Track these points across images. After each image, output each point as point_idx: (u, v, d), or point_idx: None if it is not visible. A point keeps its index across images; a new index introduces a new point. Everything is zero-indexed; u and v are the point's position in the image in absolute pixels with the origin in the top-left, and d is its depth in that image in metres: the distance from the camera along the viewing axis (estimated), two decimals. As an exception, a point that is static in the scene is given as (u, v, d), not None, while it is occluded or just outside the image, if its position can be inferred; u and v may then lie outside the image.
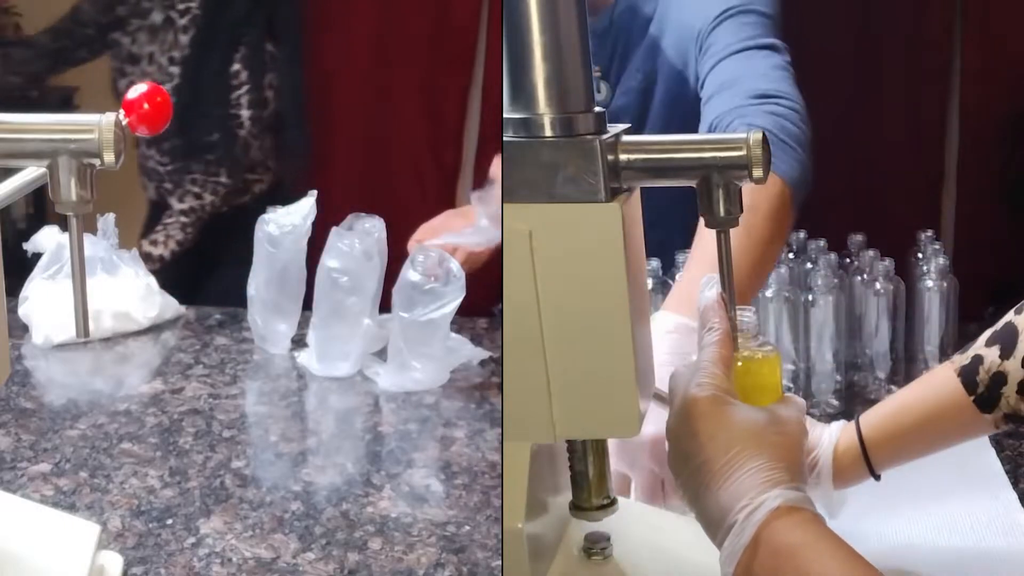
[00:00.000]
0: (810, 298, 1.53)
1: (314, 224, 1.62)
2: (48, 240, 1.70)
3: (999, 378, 1.03)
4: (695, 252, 1.28)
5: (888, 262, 1.58)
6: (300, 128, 2.23)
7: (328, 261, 1.54)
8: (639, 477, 1.12)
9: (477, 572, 1.09)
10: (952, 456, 1.13)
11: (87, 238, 1.49)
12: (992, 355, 1.04)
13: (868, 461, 1.10)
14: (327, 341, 1.57)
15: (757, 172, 0.85)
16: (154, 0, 2.08)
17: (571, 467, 0.95)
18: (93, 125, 0.85)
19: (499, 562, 1.10)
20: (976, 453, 1.31)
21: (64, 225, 0.97)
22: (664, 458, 0.89)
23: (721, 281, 0.90)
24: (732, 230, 0.87)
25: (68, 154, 0.85)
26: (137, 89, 0.90)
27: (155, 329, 1.75)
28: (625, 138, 0.88)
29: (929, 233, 1.69)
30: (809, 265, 1.62)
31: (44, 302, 1.66)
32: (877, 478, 1.11)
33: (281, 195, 2.21)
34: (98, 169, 0.86)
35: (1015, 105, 2.67)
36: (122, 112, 0.88)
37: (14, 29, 3.45)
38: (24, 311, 1.68)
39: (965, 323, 1.63)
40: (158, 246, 2.07)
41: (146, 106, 0.89)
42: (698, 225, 1.20)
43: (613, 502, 0.95)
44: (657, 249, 1.51)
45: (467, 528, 1.17)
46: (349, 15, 2.68)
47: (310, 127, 2.31)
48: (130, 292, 1.72)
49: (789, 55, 1.54)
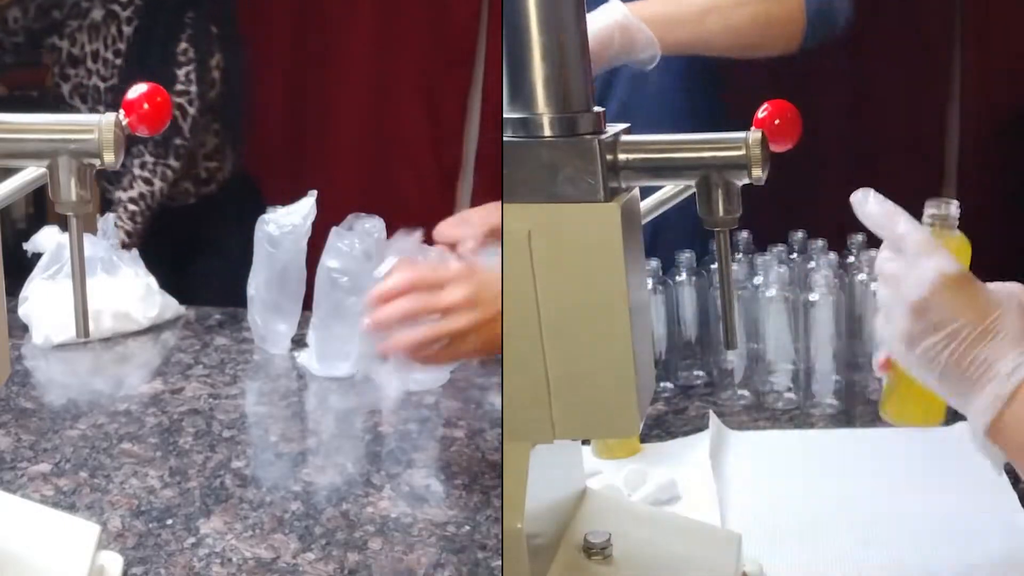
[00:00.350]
0: (810, 298, 1.53)
1: (314, 224, 1.62)
2: (48, 240, 1.70)
3: None
4: None
5: (888, 262, 1.58)
6: (238, 112, 2.21)
7: (328, 261, 1.54)
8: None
9: (477, 572, 1.09)
10: (953, 455, 1.12)
11: (87, 238, 1.49)
12: None
13: None
14: (327, 341, 1.57)
15: (756, 172, 0.86)
16: None
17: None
18: (93, 125, 0.86)
19: (499, 562, 1.10)
20: (977, 453, 1.31)
21: (64, 225, 0.97)
22: None
23: (721, 281, 0.90)
24: None
25: (68, 154, 0.85)
26: (137, 89, 0.90)
27: (155, 329, 1.75)
28: (624, 138, 0.88)
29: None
30: (809, 265, 1.62)
31: (44, 302, 1.66)
32: None
33: (248, 187, 2.22)
34: (98, 169, 0.87)
35: (1015, 105, 2.67)
36: (122, 112, 0.88)
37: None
38: (24, 311, 1.68)
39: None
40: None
41: (146, 106, 0.89)
42: None
43: None
44: (657, 249, 1.51)
45: (467, 528, 1.17)
46: (349, 15, 2.69)
47: (251, 112, 2.30)
48: (130, 292, 1.72)
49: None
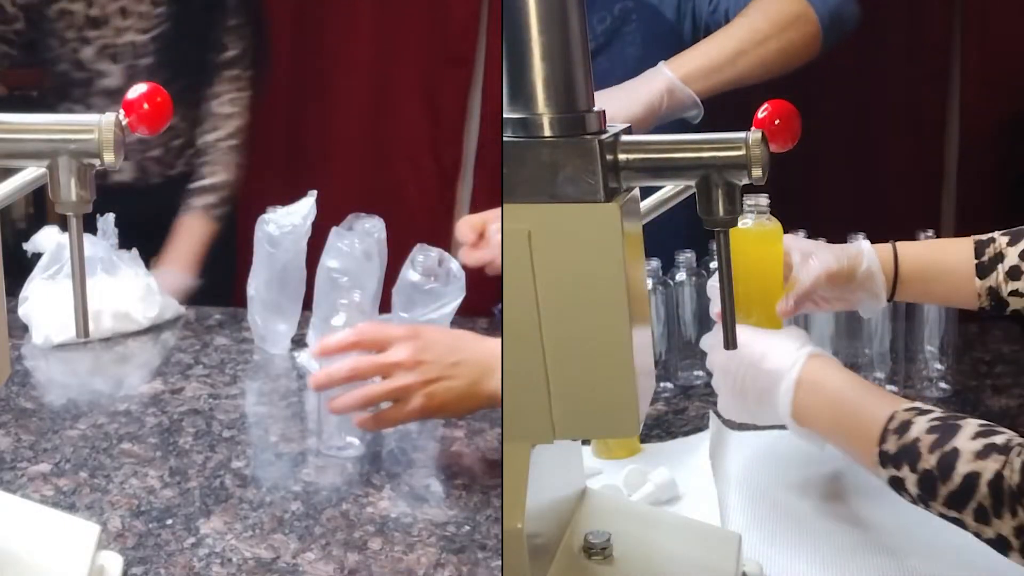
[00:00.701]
0: (810, 298, 1.53)
1: (314, 224, 1.62)
2: (48, 240, 1.70)
3: (999, 256, 1.23)
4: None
5: (888, 262, 1.58)
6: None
7: (328, 261, 1.54)
8: None
9: (477, 572, 1.09)
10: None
11: (87, 238, 1.49)
12: (1003, 240, 1.25)
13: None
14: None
15: (756, 172, 0.85)
16: None
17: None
18: (93, 125, 0.85)
19: (499, 562, 1.10)
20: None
21: (64, 225, 0.97)
22: None
23: (720, 281, 0.90)
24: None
25: (68, 154, 0.85)
26: (137, 89, 0.90)
27: (155, 329, 1.75)
28: (624, 138, 0.88)
29: (929, 233, 1.68)
30: (809, 265, 1.61)
31: (44, 302, 1.66)
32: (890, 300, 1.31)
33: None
34: (97, 169, 0.87)
35: (1015, 105, 2.66)
36: (122, 112, 0.88)
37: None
38: (24, 311, 1.68)
39: (965, 323, 1.63)
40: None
41: (146, 106, 0.89)
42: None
43: None
44: (657, 249, 1.51)
45: (467, 528, 1.17)
46: (349, 15, 2.68)
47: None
48: (130, 292, 1.72)
49: None
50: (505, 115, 0.87)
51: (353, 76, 2.70)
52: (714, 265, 1.56)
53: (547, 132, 0.85)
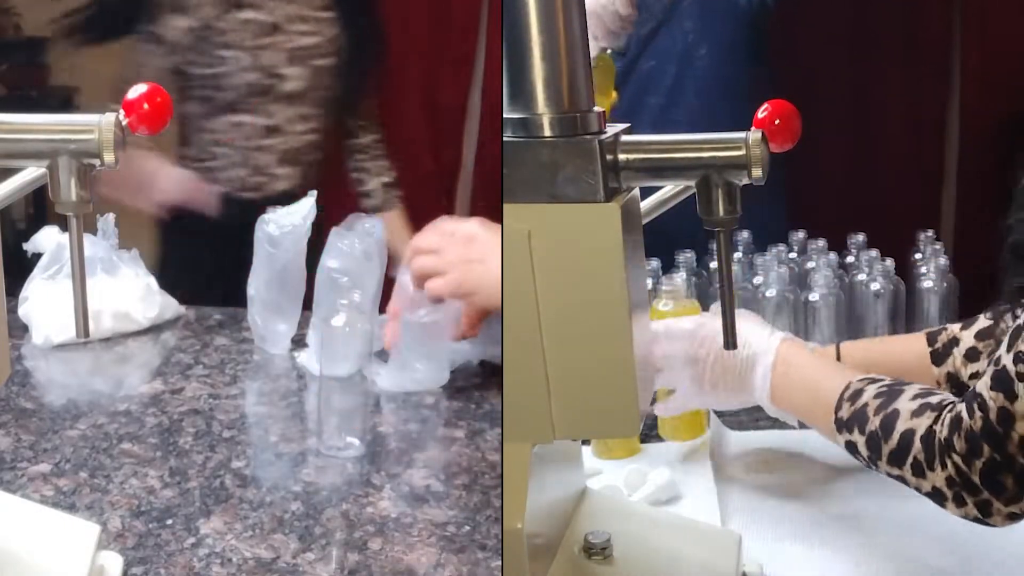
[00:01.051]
0: (810, 298, 1.53)
1: (314, 224, 1.62)
2: (48, 240, 1.70)
3: (953, 341, 1.25)
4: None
5: (888, 262, 1.58)
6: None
7: (328, 261, 1.54)
8: None
9: (477, 572, 1.09)
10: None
11: (87, 238, 1.49)
12: (955, 327, 1.27)
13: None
14: (327, 341, 1.57)
15: (756, 171, 0.86)
16: None
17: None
18: (93, 125, 0.85)
19: (499, 562, 1.10)
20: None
21: (64, 225, 0.97)
22: None
23: (720, 281, 0.90)
24: None
25: (68, 154, 0.85)
26: (137, 89, 0.90)
27: (155, 329, 1.74)
28: (624, 138, 0.88)
29: (929, 233, 1.69)
30: (809, 265, 1.62)
31: (44, 302, 1.66)
32: None
33: None
34: (98, 169, 0.87)
35: (1015, 105, 2.67)
36: (122, 112, 0.88)
37: (14, 29, 3.45)
38: (24, 311, 1.68)
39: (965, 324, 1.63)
40: None
41: (146, 106, 0.89)
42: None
43: None
44: (657, 249, 1.51)
45: (467, 528, 1.17)
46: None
47: None
48: (130, 292, 1.72)
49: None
50: (505, 115, 0.87)
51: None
52: (714, 265, 1.56)
53: (547, 132, 0.85)
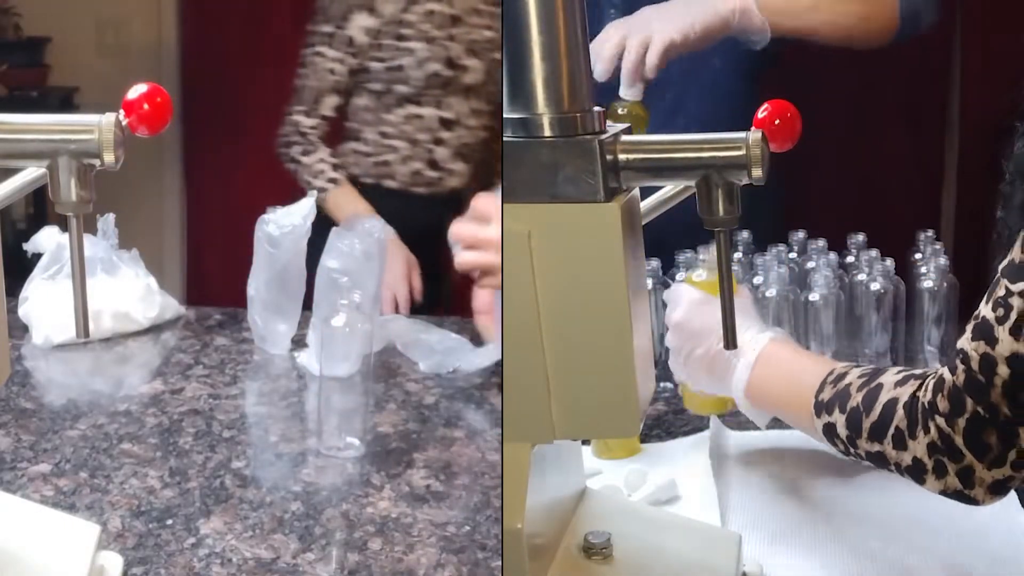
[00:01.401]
0: (810, 298, 1.53)
1: (314, 224, 1.62)
2: (48, 240, 1.70)
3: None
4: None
5: (888, 262, 1.58)
6: None
7: (328, 261, 1.54)
8: None
9: (477, 572, 1.09)
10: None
11: (87, 238, 1.49)
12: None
13: None
14: (327, 341, 1.57)
15: (756, 172, 0.86)
16: None
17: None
18: (93, 125, 0.85)
19: (499, 562, 1.10)
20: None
21: (64, 225, 0.97)
22: None
23: (720, 281, 0.90)
24: None
25: (68, 154, 0.85)
26: (137, 89, 0.90)
27: (155, 329, 1.74)
28: (624, 138, 0.88)
29: (929, 233, 1.69)
30: (809, 265, 1.61)
31: (44, 302, 1.66)
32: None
33: None
34: (98, 169, 0.87)
35: (1015, 105, 2.67)
36: (122, 112, 0.88)
37: (14, 29, 3.45)
38: (24, 311, 1.68)
39: (965, 323, 1.63)
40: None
41: (146, 106, 0.89)
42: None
43: None
44: (657, 249, 1.51)
45: (467, 528, 1.17)
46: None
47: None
48: (130, 292, 1.72)
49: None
50: (505, 115, 0.87)
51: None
52: (703, 257, 1.56)
53: (547, 132, 0.85)
